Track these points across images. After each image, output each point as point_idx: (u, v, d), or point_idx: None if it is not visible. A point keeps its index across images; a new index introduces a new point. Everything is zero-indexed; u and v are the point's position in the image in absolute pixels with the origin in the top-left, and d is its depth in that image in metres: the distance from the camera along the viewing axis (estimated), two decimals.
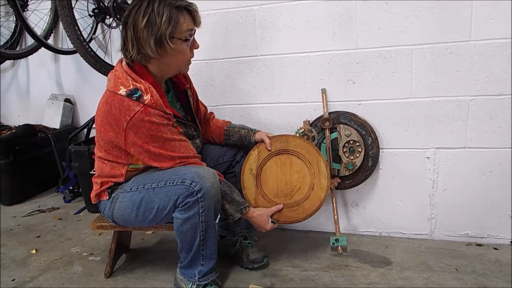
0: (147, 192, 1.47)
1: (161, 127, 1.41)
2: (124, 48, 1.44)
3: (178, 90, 1.69)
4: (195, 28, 1.49)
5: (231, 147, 1.82)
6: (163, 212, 1.47)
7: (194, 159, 1.51)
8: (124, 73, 1.43)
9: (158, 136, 1.41)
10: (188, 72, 1.70)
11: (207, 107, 1.89)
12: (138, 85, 1.40)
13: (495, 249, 1.85)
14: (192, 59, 1.57)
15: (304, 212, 1.71)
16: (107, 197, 1.58)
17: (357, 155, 1.92)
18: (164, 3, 1.37)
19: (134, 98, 1.38)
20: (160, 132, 1.41)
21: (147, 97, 1.38)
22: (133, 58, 1.43)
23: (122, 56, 1.49)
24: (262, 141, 1.76)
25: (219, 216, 1.87)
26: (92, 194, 1.62)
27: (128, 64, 1.46)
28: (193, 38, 1.49)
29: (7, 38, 3.12)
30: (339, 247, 1.87)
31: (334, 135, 1.93)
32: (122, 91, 1.39)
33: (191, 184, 1.39)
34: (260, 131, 1.80)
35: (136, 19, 1.37)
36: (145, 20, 1.36)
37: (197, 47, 1.52)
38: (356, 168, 1.92)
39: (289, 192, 1.73)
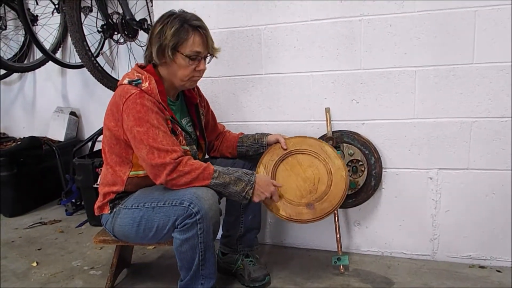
0: (147, 211, 1.48)
1: (149, 112, 1.44)
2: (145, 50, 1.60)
3: (190, 104, 1.72)
4: (207, 52, 1.56)
5: (240, 158, 1.82)
6: (163, 231, 1.47)
7: (173, 154, 1.42)
8: (133, 70, 1.57)
9: (145, 120, 1.43)
10: None
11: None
12: (140, 75, 1.52)
13: (498, 271, 1.84)
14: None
15: (335, 197, 1.67)
16: (109, 211, 1.59)
17: (360, 174, 1.92)
18: (180, 18, 1.50)
19: (134, 84, 1.50)
20: (148, 116, 1.44)
21: (145, 84, 1.49)
22: (148, 59, 1.57)
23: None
24: (277, 141, 1.76)
25: (220, 232, 1.88)
26: (95, 206, 1.64)
27: (141, 66, 1.59)
28: (200, 59, 1.54)
29: (16, 51, 3.17)
30: (341, 266, 1.86)
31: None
32: (126, 80, 1.52)
33: (189, 205, 1.39)
34: (270, 134, 1.81)
35: (154, 26, 1.53)
36: (158, 29, 1.51)
37: (202, 69, 1.57)
38: (359, 187, 1.93)
39: (312, 188, 1.69)
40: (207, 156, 1.92)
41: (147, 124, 1.43)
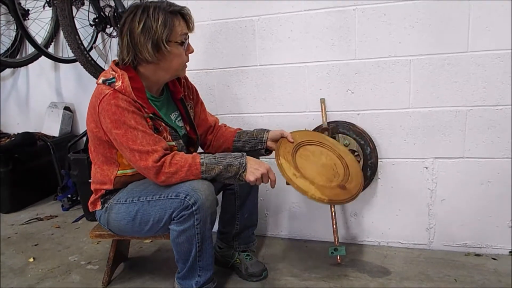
0: (142, 205, 1.47)
1: (125, 113, 1.39)
2: (121, 55, 1.49)
3: (175, 99, 1.68)
4: (189, 32, 1.54)
5: None
6: (159, 224, 1.47)
7: (154, 155, 1.39)
8: (110, 68, 1.51)
9: (122, 121, 1.39)
10: None
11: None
12: (114, 73, 1.46)
13: (494, 259, 1.85)
14: (192, 69, 1.59)
15: (357, 176, 1.67)
16: (100, 207, 1.59)
17: None
18: (159, 8, 1.43)
19: (107, 83, 1.44)
20: (124, 117, 1.39)
21: (118, 83, 1.43)
22: (129, 64, 1.48)
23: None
24: (281, 136, 1.69)
25: (217, 228, 1.87)
26: (89, 202, 1.64)
27: (117, 64, 1.52)
28: (188, 42, 1.53)
29: (8, 47, 3.13)
30: (338, 257, 1.87)
31: None
32: (101, 80, 1.47)
33: (185, 197, 1.38)
34: (271, 130, 1.74)
35: (132, 25, 1.43)
36: (141, 26, 1.42)
37: (191, 51, 1.55)
38: None
39: (334, 172, 1.66)
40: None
41: (124, 126, 1.39)
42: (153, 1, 1.48)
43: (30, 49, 3.12)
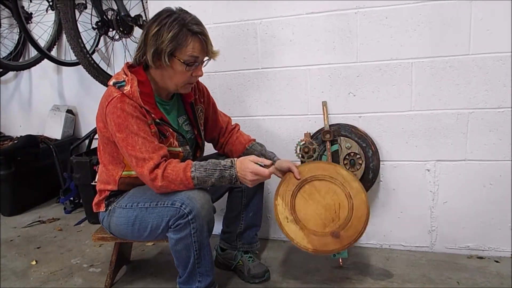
0: (140, 211, 1.48)
1: (129, 118, 1.41)
2: (136, 48, 1.52)
3: (185, 103, 1.68)
4: (206, 57, 1.51)
5: None
6: (157, 231, 1.47)
7: (150, 163, 1.39)
8: (122, 70, 1.52)
9: (125, 126, 1.41)
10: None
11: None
12: (125, 77, 1.48)
13: (496, 262, 1.85)
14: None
15: (359, 221, 1.58)
16: (104, 209, 1.60)
17: (358, 167, 1.92)
18: (179, 21, 1.41)
19: (117, 86, 1.46)
20: (127, 121, 1.41)
21: (127, 88, 1.45)
22: (138, 60, 1.51)
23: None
24: (289, 170, 1.63)
25: (221, 228, 1.88)
26: (93, 202, 1.65)
27: (131, 65, 1.54)
28: (198, 65, 1.49)
29: (11, 50, 3.15)
30: (340, 260, 1.87)
31: (335, 147, 1.94)
32: (112, 82, 1.49)
33: (181, 206, 1.39)
34: (279, 159, 1.69)
35: (150, 26, 1.44)
36: (155, 30, 1.42)
37: (199, 75, 1.52)
38: None
39: (334, 215, 1.62)
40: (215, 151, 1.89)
41: (126, 131, 1.41)
42: (187, 12, 1.46)
43: (33, 52, 3.14)
